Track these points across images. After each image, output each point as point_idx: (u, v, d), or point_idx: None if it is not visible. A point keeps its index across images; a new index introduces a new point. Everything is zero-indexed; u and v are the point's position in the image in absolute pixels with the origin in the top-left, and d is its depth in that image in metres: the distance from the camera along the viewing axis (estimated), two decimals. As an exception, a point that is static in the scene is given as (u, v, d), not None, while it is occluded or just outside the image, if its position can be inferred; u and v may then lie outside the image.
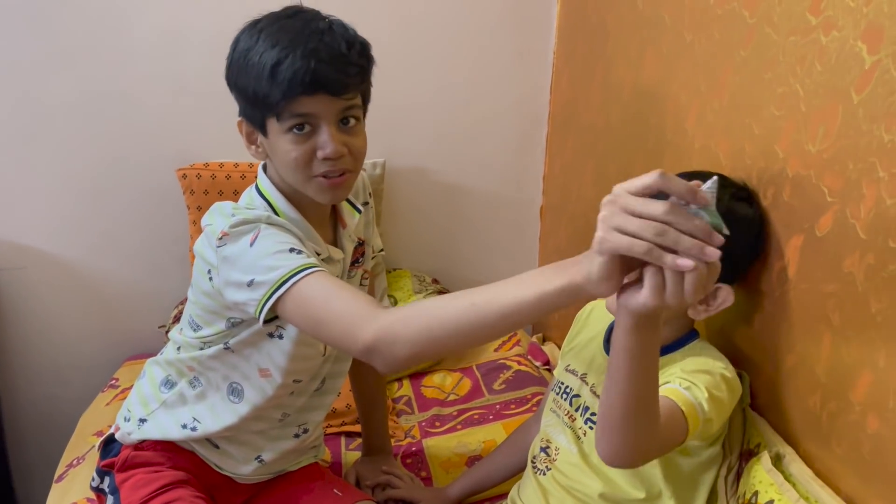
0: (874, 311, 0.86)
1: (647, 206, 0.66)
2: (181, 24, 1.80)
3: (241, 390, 1.17)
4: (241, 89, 1.03)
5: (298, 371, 1.17)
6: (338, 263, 1.17)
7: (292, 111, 0.99)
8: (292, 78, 0.96)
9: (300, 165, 1.02)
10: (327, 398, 1.31)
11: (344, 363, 1.32)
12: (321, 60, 0.97)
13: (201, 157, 1.85)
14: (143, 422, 1.22)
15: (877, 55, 0.84)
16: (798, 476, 0.96)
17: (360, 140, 1.07)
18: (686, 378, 0.99)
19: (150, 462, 1.21)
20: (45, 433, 2.04)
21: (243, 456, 1.24)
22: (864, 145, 0.87)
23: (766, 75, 1.06)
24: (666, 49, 1.37)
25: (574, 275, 0.72)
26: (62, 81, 1.79)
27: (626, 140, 1.57)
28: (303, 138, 1.01)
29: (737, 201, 1.05)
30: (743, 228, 1.01)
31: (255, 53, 0.98)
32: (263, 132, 1.04)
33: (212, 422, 1.19)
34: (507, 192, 2.16)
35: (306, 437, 1.29)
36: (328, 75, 0.98)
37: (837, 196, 0.92)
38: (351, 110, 1.03)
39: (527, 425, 1.41)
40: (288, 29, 0.99)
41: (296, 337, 1.10)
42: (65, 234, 1.92)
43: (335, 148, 1.01)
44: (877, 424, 0.87)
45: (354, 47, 1.02)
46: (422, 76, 1.96)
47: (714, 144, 1.21)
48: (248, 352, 1.13)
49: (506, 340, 2.07)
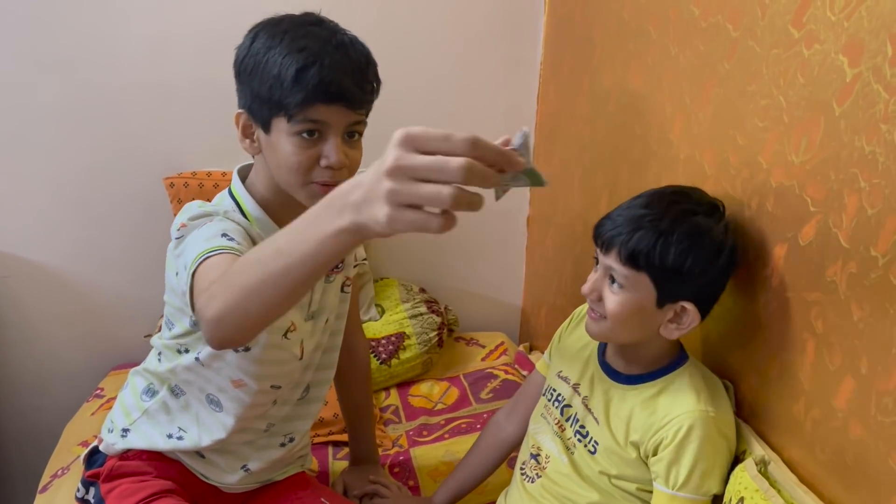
0: (856, 319, 0.87)
1: (441, 168, 0.59)
2: (169, 31, 1.80)
3: (219, 401, 1.17)
4: (251, 84, 1.03)
5: (274, 376, 1.17)
6: None
7: (307, 116, 1.00)
8: (317, 85, 0.98)
9: (301, 170, 1.03)
10: (312, 407, 1.31)
11: (328, 371, 1.32)
12: (346, 73, 1.00)
13: (188, 166, 1.84)
14: (127, 432, 1.21)
15: (857, 68, 0.86)
16: (783, 482, 0.97)
17: (359, 154, 1.09)
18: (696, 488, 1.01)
19: (135, 472, 1.20)
20: (30, 443, 2.02)
21: (229, 465, 1.24)
22: (846, 156, 0.88)
23: (749, 87, 1.07)
24: (651, 61, 1.38)
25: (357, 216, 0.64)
26: (48, 89, 1.79)
27: (612, 151, 1.58)
28: (310, 144, 1.02)
29: (691, 216, 1.02)
30: (690, 242, 0.99)
31: (277, 54, 0.99)
32: (266, 129, 1.04)
33: (197, 434, 1.18)
34: (494, 203, 2.15)
35: (293, 445, 1.29)
36: (349, 88, 1.00)
37: (820, 206, 0.93)
38: (358, 125, 1.06)
39: (497, 421, 1.40)
40: (314, 36, 1.01)
41: (266, 342, 1.10)
42: (50, 243, 1.91)
43: (339, 159, 1.02)
44: (859, 431, 0.88)
45: (371, 65, 1.06)
46: (408, 86, 1.96)
47: (699, 155, 1.22)
48: (218, 365, 1.13)
49: (493, 350, 2.07)
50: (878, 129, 0.82)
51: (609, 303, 1.04)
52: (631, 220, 1.01)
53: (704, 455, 1.01)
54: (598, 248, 1.05)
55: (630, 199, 1.07)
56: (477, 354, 2.05)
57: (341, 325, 1.32)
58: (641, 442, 1.05)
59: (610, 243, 1.02)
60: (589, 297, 1.06)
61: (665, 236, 0.99)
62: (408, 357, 1.87)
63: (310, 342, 1.22)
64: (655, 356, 1.10)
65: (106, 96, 1.81)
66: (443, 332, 1.97)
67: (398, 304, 1.98)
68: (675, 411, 1.03)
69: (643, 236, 0.99)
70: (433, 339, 1.92)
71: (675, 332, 1.04)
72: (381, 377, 1.85)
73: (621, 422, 1.09)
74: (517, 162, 0.62)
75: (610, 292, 1.04)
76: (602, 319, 1.06)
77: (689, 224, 1.00)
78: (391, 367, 1.85)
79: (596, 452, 1.11)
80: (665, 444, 1.02)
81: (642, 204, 1.04)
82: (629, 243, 1.00)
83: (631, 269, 1.01)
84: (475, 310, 2.24)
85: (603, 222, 1.05)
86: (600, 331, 1.08)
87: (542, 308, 2.09)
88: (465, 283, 2.22)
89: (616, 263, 1.02)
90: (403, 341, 1.88)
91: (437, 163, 0.59)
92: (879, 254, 0.83)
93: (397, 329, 1.90)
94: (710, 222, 1.02)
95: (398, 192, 0.60)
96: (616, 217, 1.04)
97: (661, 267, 0.99)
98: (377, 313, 1.96)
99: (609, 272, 1.04)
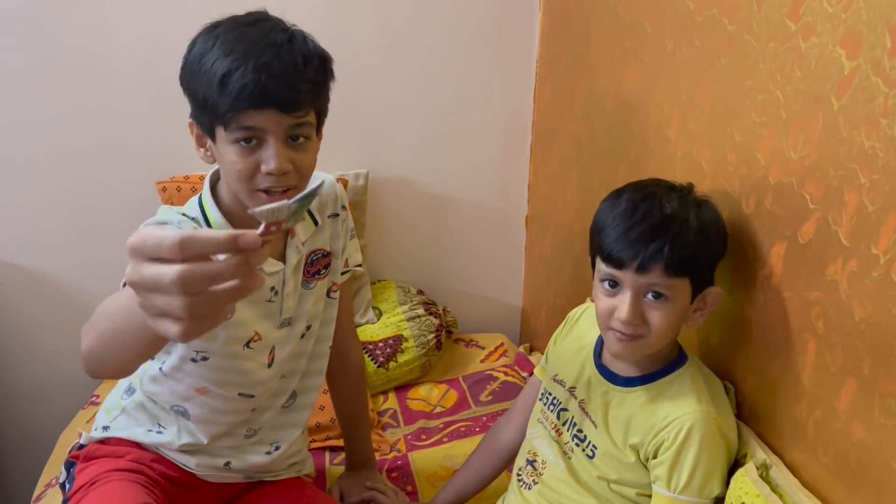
0: (858, 319, 0.85)
1: (158, 286, 0.55)
2: (160, 34, 1.77)
3: (185, 410, 1.17)
4: (191, 93, 1.00)
5: (241, 384, 1.16)
6: (274, 275, 1.12)
7: (239, 123, 0.96)
8: (241, 90, 0.93)
9: (243, 178, 1.00)
10: (300, 414, 1.29)
11: (316, 378, 1.30)
12: (272, 75, 0.94)
13: (181, 170, 1.83)
14: (107, 429, 1.22)
15: (855, 61, 0.84)
16: (785, 487, 0.95)
17: (308, 157, 1.04)
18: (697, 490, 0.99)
19: (112, 454, 1.20)
20: (27, 452, 2.01)
21: (212, 462, 1.23)
22: (845, 152, 0.86)
23: (746, 82, 1.05)
24: (647, 57, 1.36)
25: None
26: (39, 96, 1.77)
27: (610, 149, 1.56)
28: (248, 151, 0.98)
29: (700, 206, 1.02)
30: (715, 232, 1.01)
31: (208, 59, 0.96)
32: (212, 138, 1.02)
33: (177, 432, 1.19)
34: (493, 202, 2.15)
35: (279, 454, 1.27)
36: (278, 91, 0.95)
37: (819, 203, 0.91)
38: (301, 128, 1.01)
39: (497, 427, 1.39)
40: (244, 38, 0.96)
41: (224, 351, 1.10)
42: (44, 250, 1.90)
43: (278, 165, 0.98)
44: (862, 433, 0.86)
45: (311, 63, 0.99)
46: (405, 86, 1.95)
47: (696, 152, 1.20)
48: (180, 376, 1.13)
49: (492, 351, 2.05)
50: (878, 123, 0.80)
51: (655, 318, 0.99)
52: (659, 230, 0.97)
53: (706, 457, 0.99)
54: (627, 271, 0.98)
55: (625, 213, 1.00)
56: (476, 356, 2.03)
57: (328, 331, 1.29)
58: (641, 444, 1.04)
59: (649, 262, 0.96)
60: (633, 322, 0.99)
61: (700, 235, 0.98)
62: (406, 360, 1.85)
63: (282, 350, 1.19)
64: (657, 357, 1.08)
65: (97, 101, 1.80)
66: (441, 334, 1.95)
67: (396, 307, 1.96)
68: (676, 412, 1.01)
69: (685, 243, 0.96)
70: (431, 341, 1.90)
71: (700, 319, 1.04)
72: (378, 381, 1.83)
73: (620, 425, 1.07)
74: (247, 241, 0.55)
75: (653, 309, 0.99)
76: (640, 339, 1.01)
77: (708, 214, 1.02)
78: (389, 370, 1.84)
79: (594, 457, 1.09)
80: (666, 445, 1.00)
81: (653, 210, 0.98)
82: (674, 253, 0.95)
83: (677, 278, 0.98)
84: (474, 311, 2.22)
85: (622, 246, 0.97)
86: (639, 350, 1.03)
87: (542, 308, 2.07)
88: (464, 284, 2.21)
89: (660, 278, 0.97)
90: (401, 344, 1.86)
91: (153, 280, 0.55)
92: (881, 251, 0.81)
93: (395, 332, 1.88)
94: (711, 207, 1.04)
95: (143, 305, 0.57)
96: (632, 235, 0.97)
97: (703, 263, 1.00)
98: (374, 316, 1.94)
99: (648, 289, 0.98)
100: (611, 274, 1.00)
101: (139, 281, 0.56)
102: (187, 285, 0.54)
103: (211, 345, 1.09)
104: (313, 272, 1.21)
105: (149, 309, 0.57)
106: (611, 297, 1.01)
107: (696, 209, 1.01)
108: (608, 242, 1.00)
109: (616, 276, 1.00)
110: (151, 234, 0.55)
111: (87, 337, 0.78)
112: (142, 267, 0.55)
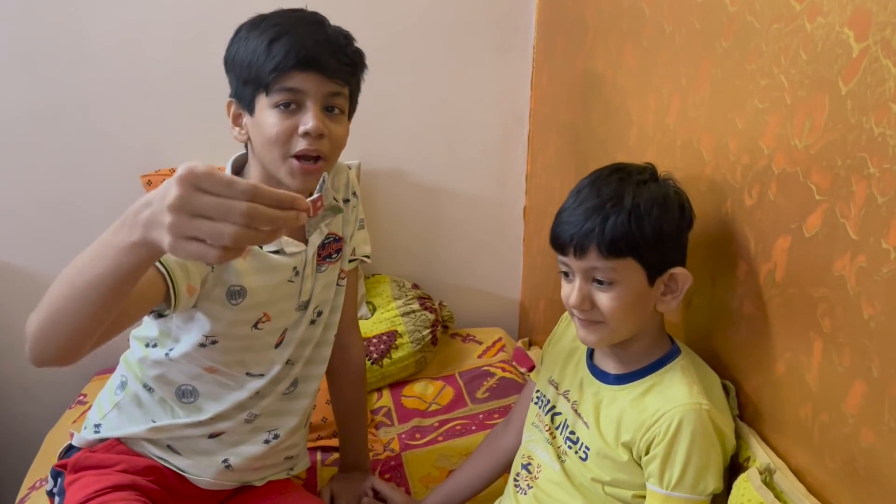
0: (867, 317, 0.81)
1: (227, 211, 0.65)
2: (143, 21, 1.74)
3: (193, 389, 1.17)
4: (237, 65, 1.07)
5: (249, 363, 1.18)
6: (297, 256, 1.15)
7: (282, 85, 1.03)
8: (287, 52, 1.01)
9: (280, 140, 1.04)
10: (300, 402, 1.28)
11: (318, 366, 1.29)
12: (317, 42, 1.03)
13: (167, 163, 1.79)
14: (99, 427, 1.21)
15: (865, 42, 0.79)
16: (789, 493, 0.91)
17: (342, 130, 1.10)
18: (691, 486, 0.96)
19: (101, 464, 1.18)
20: (15, 452, 1.97)
21: (209, 460, 1.21)
22: (853, 139, 0.81)
23: (748, 66, 1.01)
24: (646, 41, 1.31)
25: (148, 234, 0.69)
26: (17, 87, 1.73)
27: (607, 137, 1.51)
28: (288, 114, 1.04)
29: (643, 185, 1.00)
30: (656, 210, 0.98)
31: (255, 33, 1.05)
32: (251, 110, 1.07)
33: (171, 421, 1.18)
34: (489, 193, 2.10)
35: (277, 443, 1.26)
36: (321, 56, 1.03)
37: (826, 194, 0.86)
38: (337, 98, 1.07)
39: (496, 432, 1.36)
40: (290, 15, 1.06)
41: (231, 333, 1.11)
42: (27, 246, 1.86)
43: (316, 125, 1.03)
44: (871, 438, 0.82)
45: (350, 45, 1.09)
46: (397, 73, 1.90)
47: (696, 140, 1.16)
48: (188, 360, 1.14)
49: (490, 346, 2.01)
50: (888, 108, 0.76)
51: (604, 304, 0.99)
52: (592, 212, 0.98)
53: (698, 450, 0.95)
54: (569, 256, 1.00)
55: (572, 196, 1.03)
56: (473, 351, 1.99)
57: (336, 318, 1.31)
58: (633, 441, 1.00)
59: (583, 244, 0.97)
60: (581, 307, 1.00)
61: (634, 212, 0.96)
62: (400, 356, 1.81)
63: (294, 332, 1.21)
64: (647, 349, 1.05)
65: (77, 91, 1.75)
66: (436, 330, 1.91)
67: (390, 301, 1.92)
68: (667, 406, 0.97)
69: (615, 222, 0.96)
70: (426, 337, 1.86)
71: (672, 303, 1.01)
72: (372, 378, 1.79)
73: (611, 423, 1.04)
74: (299, 204, 0.69)
75: (601, 293, 0.99)
76: (599, 325, 1.01)
77: (648, 193, 0.99)
78: (383, 367, 1.79)
79: (587, 458, 1.06)
80: (657, 440, 0.96)
81: (592, 194, 1.00)
82: (605, 234, 0.96)
83: (616, 259, 0.97)
84: (471, 305, 2.18)
85: (560, 230, 1.01)
86: (601, 337, 1.03)
87: (541, 301, 2.03)
88: (461, 278, 2.16)
89: (598, 261, 0.97)
90: (395, 340, 1.82)
91: (222, 206, 0.64)
92: (891, 246, 0.77)
93: (389, 327, 1.84)
94: (661, 185, 1.02)
95: (179, 226, 0.64)
96: (571, 218, 0.99)
97: (644, 243, 0.96)
98: (368, 311, 1.90)
99: (591, 274, 0.99)
100: (561, 261, 1.03)
101: (196, 207, 0.63)
102: (252, 219, 0.65)
103: (219, 326, 1.10)
104: (325, 256, 1.23)
105: (186, 230, 0.64)
106: (567, 285, 1.03)
107: (634, 188, 0.98)
108: (553, 228, 1.03)
109: (565, 262, 1.02)
110: (218, 173, 0.65)
111: (35, 317, 0.81)
112: (197, 195, 0.64)
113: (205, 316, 1.09)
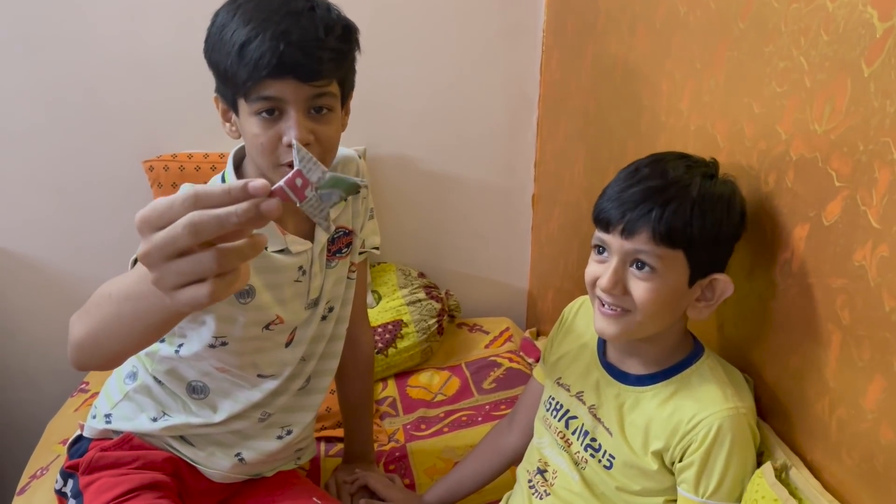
0: (888, 309, 0.77)
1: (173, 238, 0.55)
2: (143, 6, 1.71)
3: (204, 386, 1.15)
4: (214, 66, 0.99)
5: (261, 365, 1.14)
6: (302, 255, 1.11)
7: (259, 94, 0.95)
8: (259, 59, 0.91)
9: (266, 151, 0.98)
10: (313, 398, 1.27)
11: (331, 361, 1.27)
12: (291, 43, 0.92)
13: (169, 148, 1.77)
14: (109, 417, 1.19)
15: (889, 21, 0.75)
16: (805, 490, 0.88)
17: (332, 129, 1.01)
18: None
19: (117, 463, 1.15)
20: (17, 440, 1.98)
21: (223, 453, 1.20)
22: (876, 123, 0.78)
23: (766, 48, 0.97)
24: (659, 23, 1.28)
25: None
26: (17, 71, 1.71)
27: (619, 123, 1.48)
28: (270, 123, 0.97)
29: (710, 179, 0.94)
30: (721, 208, 0.93)
31: (228, 30, 0.94)
32: (235, 111, 1.01)
33: (185, 417, 1.16)
34: (497, 180, 2.07)
35: (290, 438, 1.24)
36: (297, 59, 0.93)
37: (846, 180, 0.83)
38: (322, 98, 0.98)
39: (499, 428, 1.32)
40: (264, 7, 0.94)
41: (242, 335, 1.08)
42: (28, 233, 1.85)
43: (298, 134, 0.95)
44: (891, 435, 0.79)
45: (333, 31, 0.96)
46: (402, 58, 1.86)
47: (711, 125, 1.12)
48: (198, 359, 1.11)
49: (497, 336, 1.99)
50: (916, 90, 0.72)
51: (638, 292, 0.91)
52: (653, 192, 0.90)
53: (737, 459, 0.91)
54: (613, 234, 0.92)
55: (626, 173, 0.96)
56: (480, 341, 1.97)
57: (347, 312, 1.28)
58: (666, 449, 0.95)
59: (635, 225, 0.90)
60: (612, 291, 0.92)
61: (699, 204, 0.90)
62: (406, 346, 1.79)
63: (305, 331, 1.18)
64: (671, 349, 1.00)
65: (78, 75, 1.74)
66: (443, 319, 1.88)
67: (395, 290, 1.89)
68: (704, 412, 0.92)
69: (677, 209, 0.89)
70: (432, 326, 1.84)
71: (704, 311, 0.96)
72: (377, 367, 1.76)
73: (638, 430, 0.98)
74: (256, 191, 0.55)
75: (637, 280, 0.92)
76: (626, 314, 0.93)
77: (716, 189, 0.93)
78: (388, 356, 1.78)
79: (612, 467, 1.01)
80: (693, 448, 0.92)
81: (654, 174, 0.93)
82: (664, 219, 0.88)
83: (666, 249, 0.90)
84: (478, 294, 2.16)
85: (609, 205, 0.93)
86: (625, 328, 0.94)
87: (550, 291, 2.00)
88: (468, 267, 2.14)
89: (647, 244, 0.90)
90: (401, 329, 1.80)
91: (168, 235, 0.55)
92: (916, 235, 0.73)
93: (394, 316, 1.82)
94: (728, 185, 0.96)
95: (162, 279, 0.57)
96: (625, 196, 0.92)
97: (700, 239, 0.90)
98: (373, 300, 1.88)
99: (634, 256, 0.92)
100: (600, 238, 0.95)
101: (153, 250, 0.55)
102: (198, 227, 0.54)
103: (230, 328, 1.07)
104: (335, 251, 1.19)
105: (170, 279, 0.56)
106: (598, 264, 0.96)
107: (703, 180, 0.92)
108: (600, 202, 0.95)
109: (605, 240, 0.94)
110: (159, 201, 0.56)
111: (80, 324, 0.77)
112: (153, 236, 0.55)
113: (215, 317, 1.05)
